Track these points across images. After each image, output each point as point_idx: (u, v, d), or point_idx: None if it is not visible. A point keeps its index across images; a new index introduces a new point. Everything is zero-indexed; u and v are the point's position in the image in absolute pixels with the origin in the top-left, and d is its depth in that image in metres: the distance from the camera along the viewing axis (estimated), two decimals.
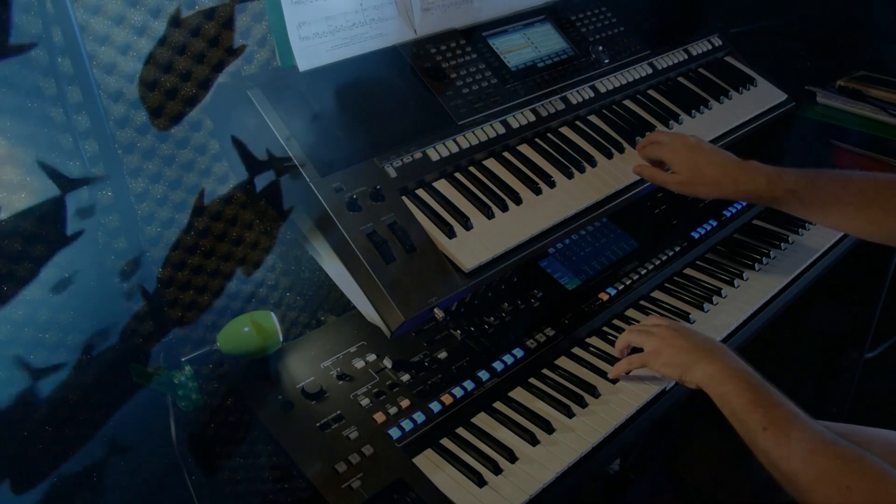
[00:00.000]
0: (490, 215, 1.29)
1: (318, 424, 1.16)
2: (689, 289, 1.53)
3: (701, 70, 1.82)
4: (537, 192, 1.36)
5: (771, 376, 1.10)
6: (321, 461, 1.10)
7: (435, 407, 1.20)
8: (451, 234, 1.23)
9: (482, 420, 1.23)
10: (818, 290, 1.66)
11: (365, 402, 1.20)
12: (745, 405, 1.06)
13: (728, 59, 1.90)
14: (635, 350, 1.29)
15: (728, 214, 1.72)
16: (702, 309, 1.47)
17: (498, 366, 1.28)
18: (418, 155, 1.31)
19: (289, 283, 1.52)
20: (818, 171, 1.33)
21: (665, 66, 1.75)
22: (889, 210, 1.26)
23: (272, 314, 1.26)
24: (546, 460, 1.15)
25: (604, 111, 1.60)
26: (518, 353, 1.31)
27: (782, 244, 1.67)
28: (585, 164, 1.45)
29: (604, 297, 1.46)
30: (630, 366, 1.27)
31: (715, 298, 1.49)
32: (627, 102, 1.66)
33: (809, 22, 2.10)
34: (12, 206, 1.09)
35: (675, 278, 1.57)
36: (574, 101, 1.55)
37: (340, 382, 1.24)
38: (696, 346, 1.19)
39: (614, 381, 1.29)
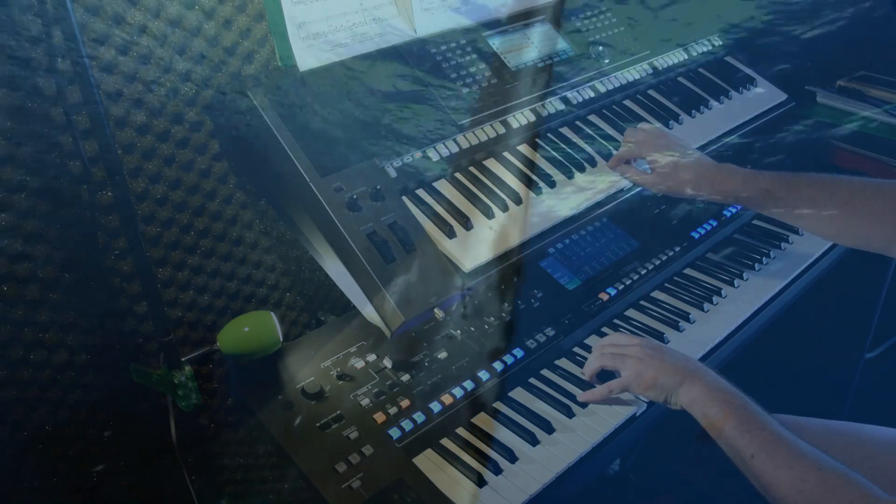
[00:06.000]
0: (490, 215, 1.29)
1: (318, 424, 1.16)
2: (689, 289, 1.53)
3: (701, 70, 1.82)
4: (537, 192, 1.36)
5: (771, 376, 1.09)
6: (321, 461, 1.10)
7: (435, 407, 1.20)
8: (451, 234, 1.23)
9: (482, 420, 1.23)
10: (818, 290, 1.66)
11: (365, 402, 1.20)
12: (732, 430, 1.05)
13: (728, 59, 1.90)
14: (606, 373, 1.24)
15: (728, 214, 1.72)
16: (702, 309, 1.47)
17: (498, 366, 1.28)
18: (418, 155, 1.32)
19: (289, 283, 1.52)
20: (796, 174, 1.32)
21: (665, 65, 1.75)
22: (863, 215, 1.24)
23: (272, 314, 1.26)
24: (546, 460, 1.15)
25: (604, 111, 1.60)
26: (518, 353, 1.31)
27: (782, 244, 1.67)
28: (585, 164, 1.45)
29: (604, 297, 1.46)
30: (610, 392, 1.22)
31: (715, 298, 1.49)
32: (627, 102, 1.66)
33: (809, 21, 2.09)
34: (12, 206, 1.09)
35: (675, 278, 1.57)
36: (574, 101, 1.55)
37: (340, 382, 1.24)
38: (676, 366, 1.14)
39: (584, 405, 1.24)
